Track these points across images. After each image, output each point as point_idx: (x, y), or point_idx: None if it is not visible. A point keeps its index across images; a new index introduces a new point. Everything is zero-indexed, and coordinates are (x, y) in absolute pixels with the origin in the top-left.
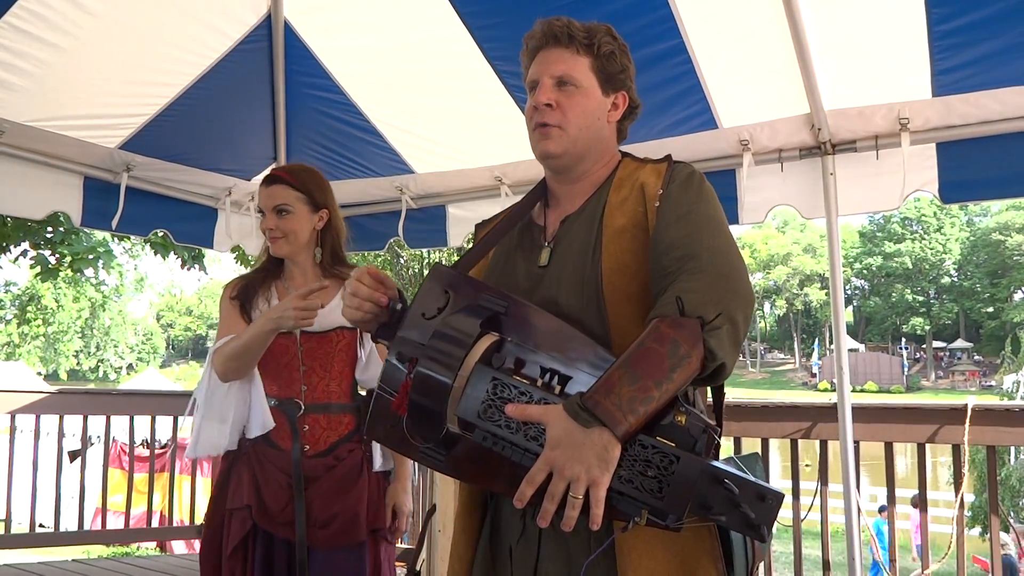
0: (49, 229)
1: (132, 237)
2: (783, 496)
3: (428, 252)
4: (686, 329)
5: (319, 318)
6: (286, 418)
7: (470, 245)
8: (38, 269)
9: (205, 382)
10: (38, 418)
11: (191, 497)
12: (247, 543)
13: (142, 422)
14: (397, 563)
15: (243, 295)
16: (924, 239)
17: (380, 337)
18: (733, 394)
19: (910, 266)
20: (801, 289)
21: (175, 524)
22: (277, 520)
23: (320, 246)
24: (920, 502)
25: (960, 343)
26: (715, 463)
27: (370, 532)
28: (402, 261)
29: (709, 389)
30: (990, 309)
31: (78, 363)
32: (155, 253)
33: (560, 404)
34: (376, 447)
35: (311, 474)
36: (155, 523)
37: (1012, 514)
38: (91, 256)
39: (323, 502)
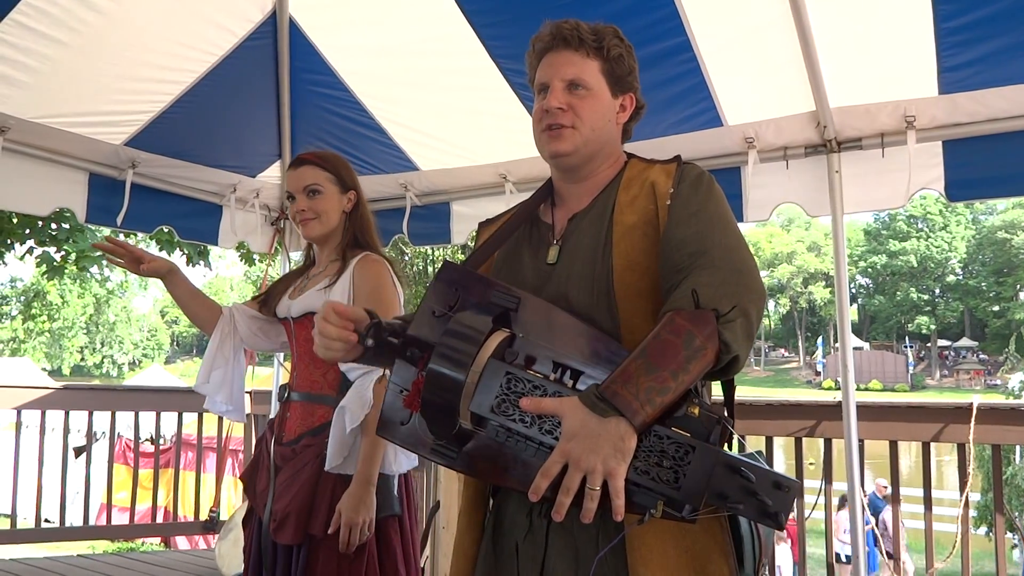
0: (54, 226)
1: (137, 234)
2: (799, 484)
3: (432, 249)
4: (701, 321)
5: (299, 301)
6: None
7: (473, 243)
8: (44, 267)
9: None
10: (43, 414)
11: (195, 493)
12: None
13: (147, 418)
14: None
15: (268, 292)
16: (929, 237)
17: (365, 363)
18: (737, 392)
19: (915, 264)
20: (805, 287)
21: (179, 520)
22: (259, 503)
23: (346, 230)
24: (925, 501)
25: (965, 342)
26: (730, 453)
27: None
28: (407, 258)
29: (719, 384)
30: (995, 308)
31: (82, 359)
32: (160, 249)
33: (575, 396)
34: (335, 446)
35: (279, 463)
36: (160, 519)
37: (1017, 513)
38: (96, 253)
39: (278, 493)
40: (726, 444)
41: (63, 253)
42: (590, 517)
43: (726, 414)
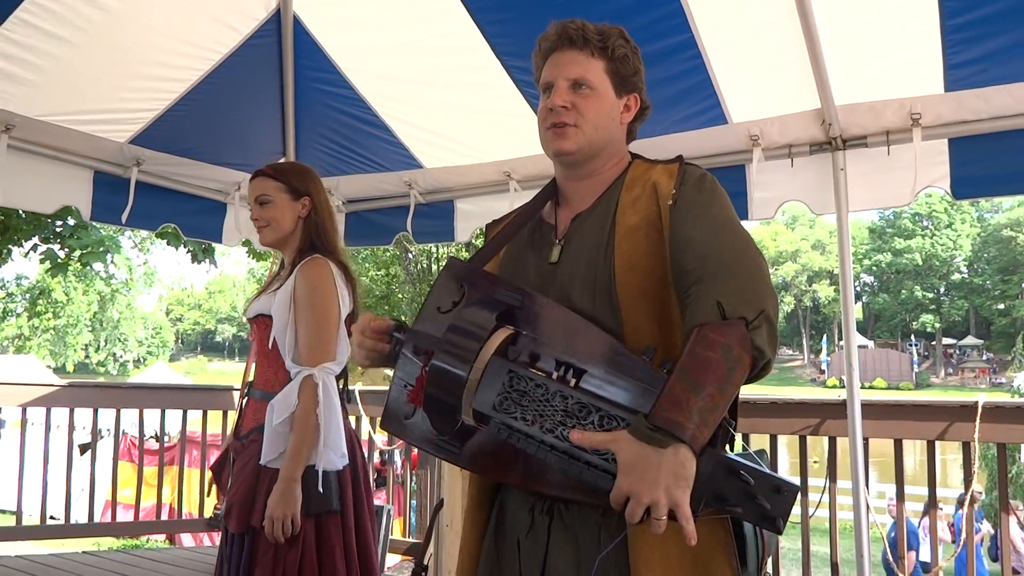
0: (59, 223)
1: (142, 231)
2: (798, 488)
3: (436, 247)
4: (733, 331)
5: (254, 304)
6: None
7: (478, 241)
8: (48, 264)
9: None
10: (49, 411)
11: (200, 491)
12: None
13: (152, 416)
14: (404, 558)
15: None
16: (935, 235)
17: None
18: (741, 390)
19: (920, 262)
20: (810, 285)
21: (184, 517)
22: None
23: (303, 234)
24: (929, 499)
25: (970, 340)
26: (730, 455)
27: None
28: (410, 256)
29: None
30: (1001, 306)
31: (87, 356)
32: (167, 243)
33: (626, 429)
34: (267, 442)
35: (234, 456)
36: (164, 516)
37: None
38: (100, 249)
39: (231, 484)
40: (728, 445)
41: (67, 250)
42: (660, 532)
43: (728, 415)
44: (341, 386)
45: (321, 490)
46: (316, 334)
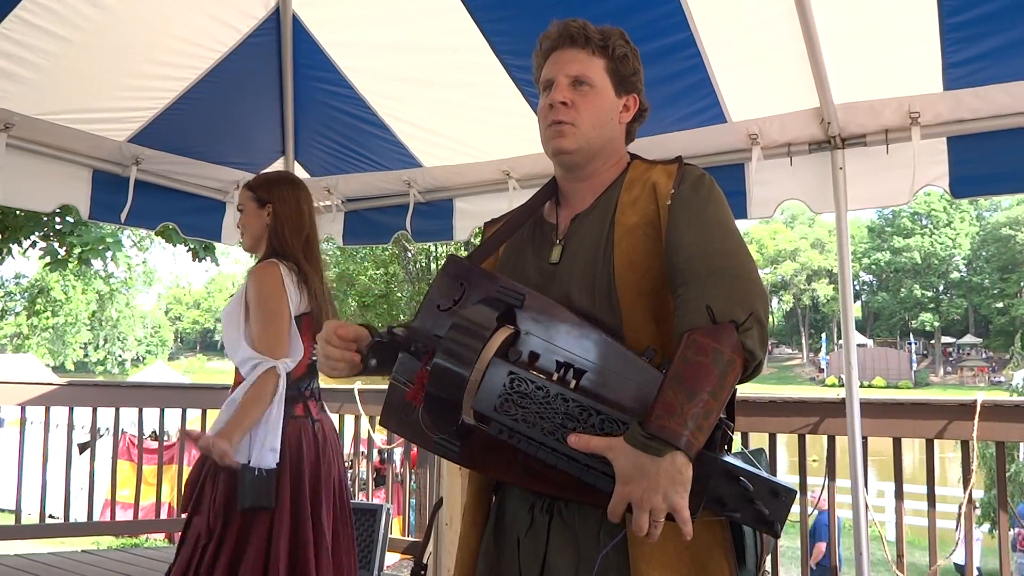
0: (58, 220)
1: (141, 230)
2: (796, 492)
3: (435, 246)
4: (724, 335)
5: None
6: None
7: (477, 240)
8: (47, 260)
9: None
10: (48, 410)
11: None
12: None
13: (151, 414)
14: (404, 556)
15: None
16: (933, 234)
17: (367, 375)
18: (740, 389)
19: (919, 261)
20: (809, 284)
21: (183, 516)
22: None
23: (269, 241)
24: (928, 498)
25: (969, 339)
26: (729, 459)
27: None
28: (409, 255)
29: None
30: (999, 304)
31: (86, 355)
32: (166, 240)
33: (622, 437)
34: (219, 423)
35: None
36: (163, 515)
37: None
38: (100, 247)
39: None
40: (726, 446)
41: (67, 247)
42: (655, 538)
43: (726, 417)
44: (311, 384)
45: (254, 486)
46: (268, 332)
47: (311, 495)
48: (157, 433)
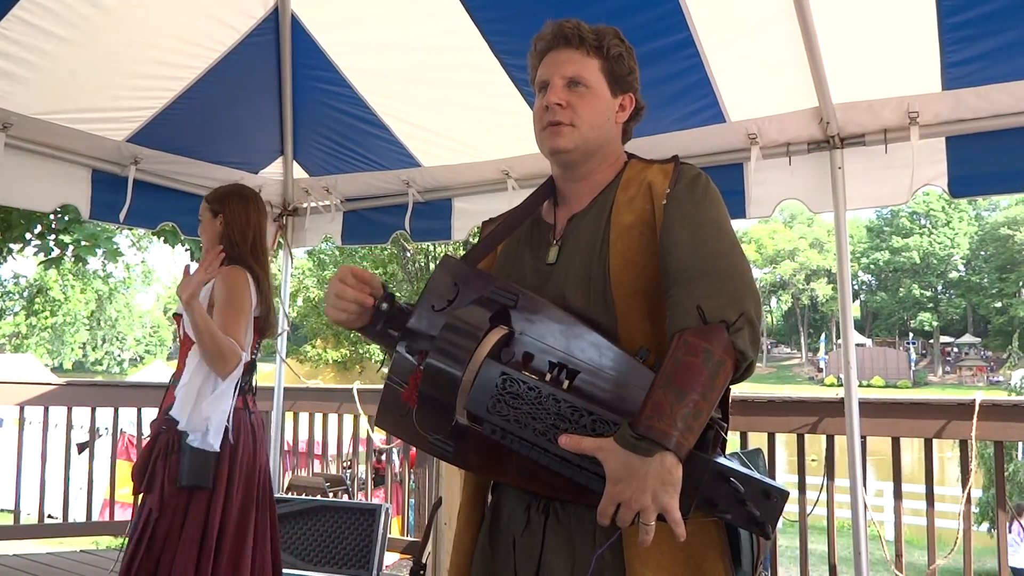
0: (52, 216)
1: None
2: (788, 494)
3: (434, 246)
4: (714, 335)
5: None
6: None
7: (476, 239)
8: (41, 256)
9: None
10: (47, 410)
11: None
12: None
13: (150, 414)
14: (403, 556)
15: None
16: (932, 234)
17: (367, 334)
18: (739, 388)
19: (918, 261)
20: (808, 284)
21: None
22: None
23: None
24: (927, 497)
25: (968, 338)
26: (721, 460)
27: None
28: (408, 254)
29: None
30: (998, 304)
31: (84, 355)
32: (163, 241)
33: (612, 437)
34: (179, 405)
35: (154, 433)
36: None
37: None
38: (92, 244)
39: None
40: (721, 447)
41: (59, 244)
42: (648, 542)
43: (720, 417)
44: (250, 380)
45: (195, 466)
46: (239, 326)
47: (245, 479)
48: None
